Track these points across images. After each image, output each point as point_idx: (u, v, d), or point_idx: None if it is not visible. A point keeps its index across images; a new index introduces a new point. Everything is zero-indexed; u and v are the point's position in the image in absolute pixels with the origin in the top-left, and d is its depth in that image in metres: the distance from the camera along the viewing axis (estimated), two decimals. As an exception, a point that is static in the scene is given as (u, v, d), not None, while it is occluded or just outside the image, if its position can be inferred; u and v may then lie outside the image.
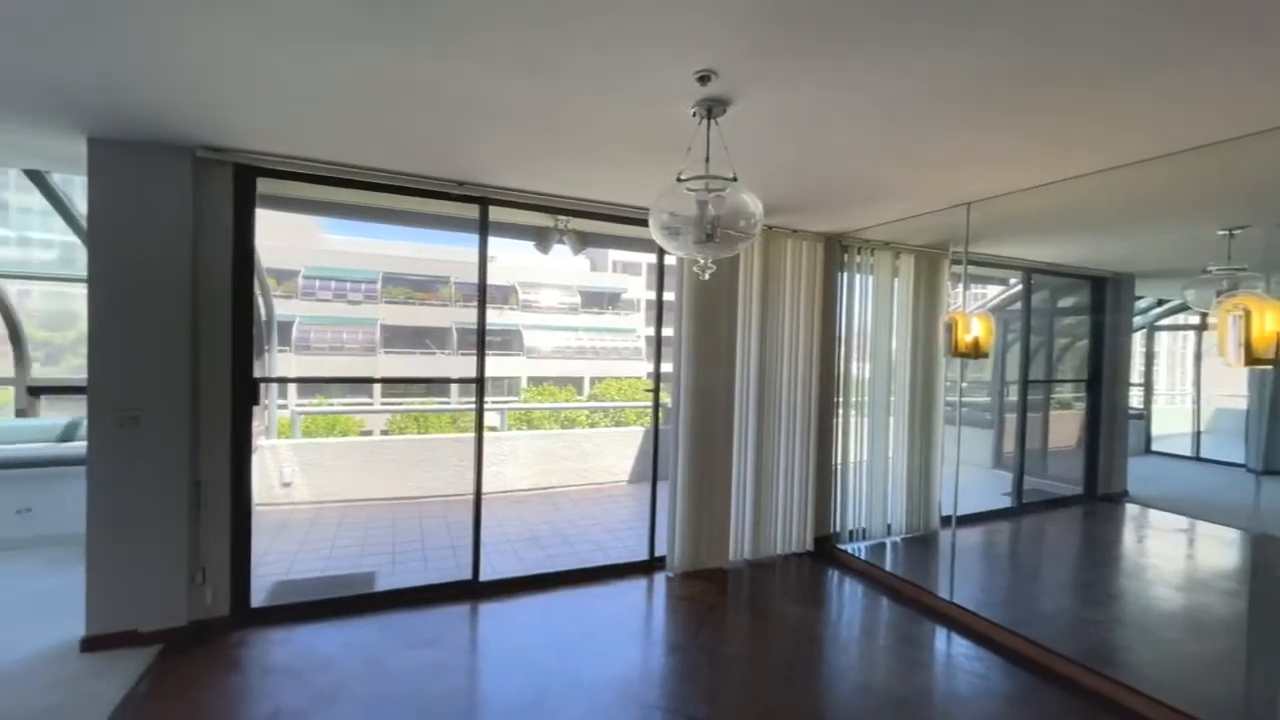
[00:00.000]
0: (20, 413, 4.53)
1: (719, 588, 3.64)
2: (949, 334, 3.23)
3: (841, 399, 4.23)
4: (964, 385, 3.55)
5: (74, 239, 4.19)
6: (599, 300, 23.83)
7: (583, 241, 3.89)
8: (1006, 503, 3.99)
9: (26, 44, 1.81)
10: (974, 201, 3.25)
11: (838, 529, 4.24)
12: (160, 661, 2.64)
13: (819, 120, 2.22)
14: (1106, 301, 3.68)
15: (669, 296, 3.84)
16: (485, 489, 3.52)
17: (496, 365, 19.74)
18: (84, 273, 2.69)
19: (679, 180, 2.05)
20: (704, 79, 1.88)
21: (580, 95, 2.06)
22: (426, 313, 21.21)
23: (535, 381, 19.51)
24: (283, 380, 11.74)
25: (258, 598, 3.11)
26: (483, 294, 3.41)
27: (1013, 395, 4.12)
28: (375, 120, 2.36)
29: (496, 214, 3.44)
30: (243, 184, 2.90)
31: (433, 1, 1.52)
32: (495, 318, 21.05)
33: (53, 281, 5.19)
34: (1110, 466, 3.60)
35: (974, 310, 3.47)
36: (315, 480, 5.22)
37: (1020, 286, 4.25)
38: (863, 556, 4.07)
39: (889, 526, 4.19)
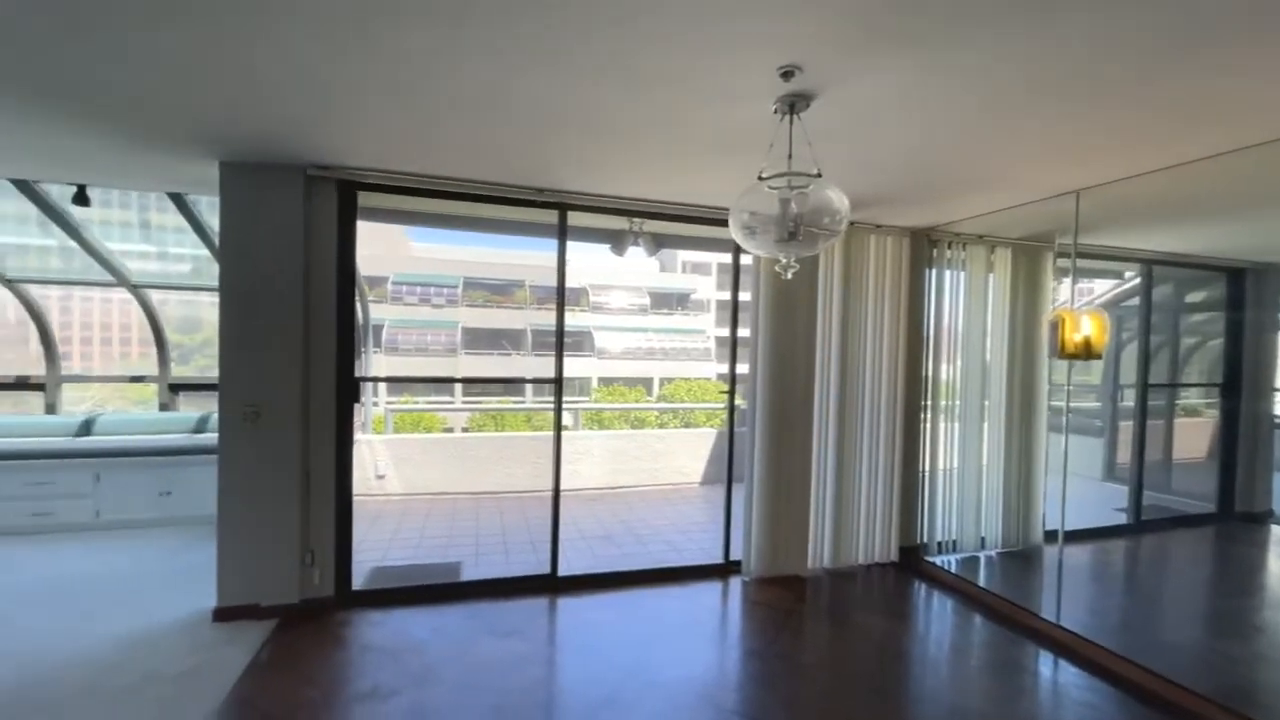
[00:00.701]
0: (163, 407, 5.14)
1: (797, 595, 3.55)
2: (1054, 333, 2.97)
3: (929, 403, 4.00)
4: (1070, 389, 3.26)
5: (205, 252, 4.70)
6: (668, 301, 23.89)
7: (657, 243, 3.91)
8: (1122, 519, 3.61)
9: (183, 86, 2.05)
10: (1084, 189, 2.98)
11: (925, 540, 4.02)
12: (277, 634, 2.90)
13: (909, 111, 2.12)
14: (1247, 296, 3.25)
15: (744, 296, 3.79)
16: (561, 486, 3.61)
17: (569, 366, 20.23)
18: (212, 282, 3.01)
19: (760, 179, 2.01)
20: (788, 75, 1.84)
21: (663, 100, 2.08)
22: (503, 315, 22.08)
23: (605, 382, 19.82)
24: (379, 380, 12.57)
25: (357, 581, 3.35)
26: (561, 296, 3.51)
27: (1128, 400, 3.74)
28: (467, 134, 2.48)
29: (574, 218, 3.53)
30: (345, 198, 3.14)
31: (534, 16, 1.58)
32: (567, 319, 21.52)
33: (186, 291, 5.84)
34: (1251, 482, 3.17)
35: (1082, 307, 3.18)
36: (405, 473, 5.57)
37: (1137, 280, 3.85)
38: (953, 570, 3.83)
39: (983, 540, 3.92)
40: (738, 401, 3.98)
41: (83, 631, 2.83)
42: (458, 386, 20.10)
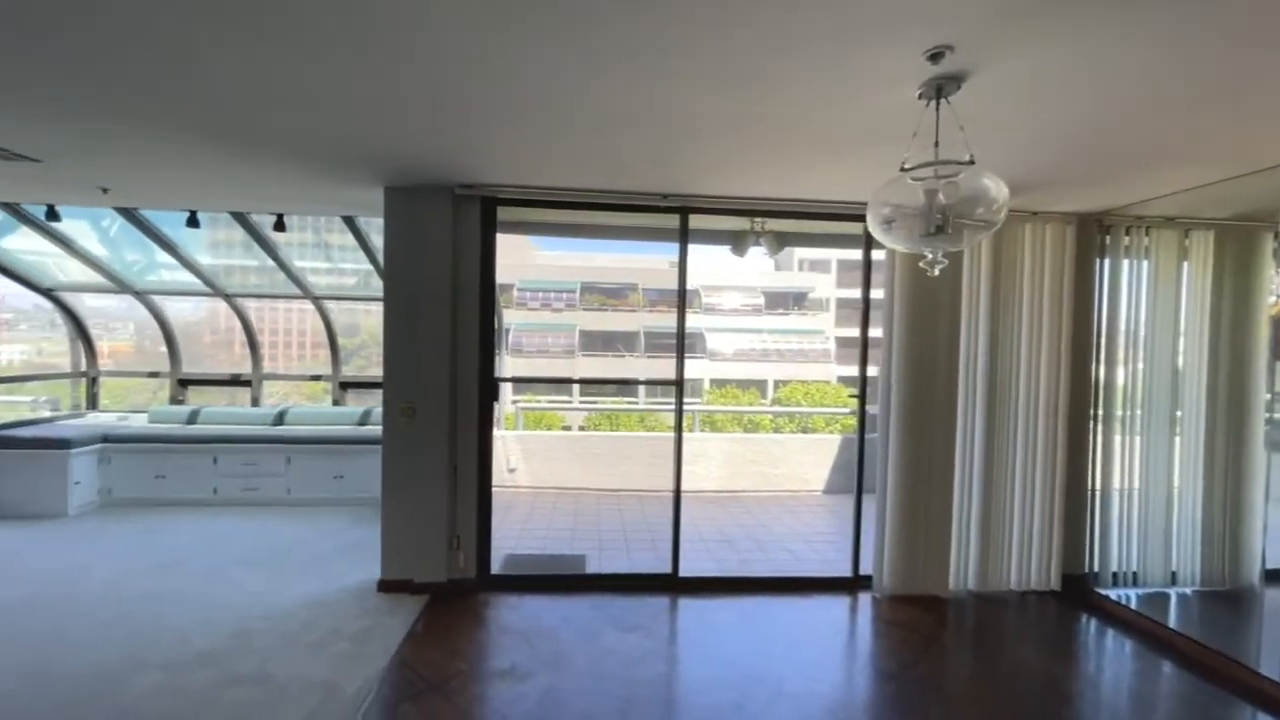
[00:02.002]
0: (335, 402, 5.93)
1: (937, 617, 3.27)
2: (1278, 331, 2.46)
3: (1100, 412, 3.50)
4: (1299, 399, 2.68)
5: (367, 266, 5.35)
6: (783, 301, 23.15)
7: (781, 242, 3.81)
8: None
9: (363, 128, 2.36)
10: (1320, 155, 2.44)
11: (1095, 568, 3.51)
12: (429, 608, 3.22)
13: (1080, 82, 1.87)
14: None
15: (876, 294, 3.57)
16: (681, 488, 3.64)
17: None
18: (372, 293, 3.41)
19: (903, 170, 1.89)
20: (936, 56, 1.71)
21: (794, 96, 2.02)
22: (617, 318, 22.73)
23: (718, 384, 19.67)
24: (515, 380, 13.47)
25: (494, 566, 3.62)
26: (682, 299, 3.55)
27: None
28: (597, 146, 2.59)
29: (695, 221, 3.54)
30: (487, 213, 3.42)
31: (666, 26, 1.62)
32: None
33: (350, 301, 6.68)
34: None
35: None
36: (533, 468, 5.93)
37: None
38: (1133, 606, 3.31)
39: (1173, 574, 3.34)
40: (868, 407, 3.75)
41: (281, 591, 3.35)
42: (575, 387, 21.09)
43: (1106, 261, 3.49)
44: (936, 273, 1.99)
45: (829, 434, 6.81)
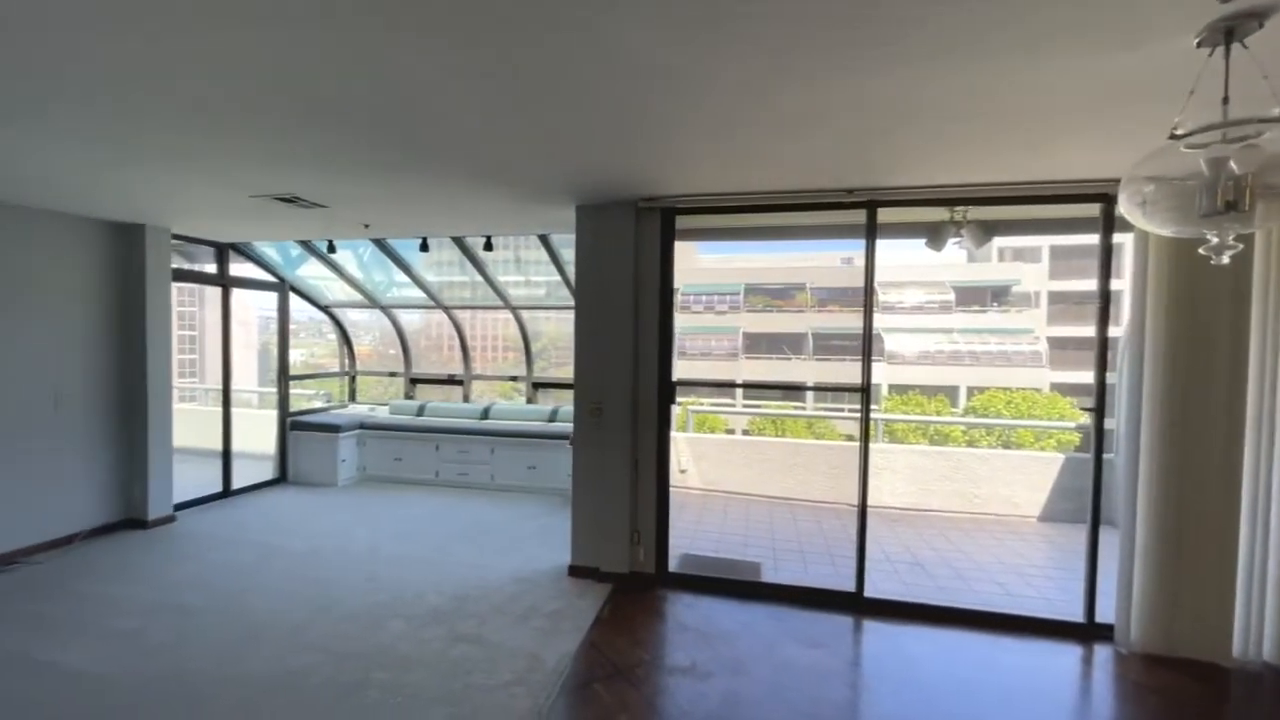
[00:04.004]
0: (529, 400, 6.63)
1: (1215, 691, 2.61)
2: None
3: None
4: None
5: (555, 278, 5.89)
6: (978, 296, 20.36)
7: (987, 232, 3.37)
8: None
9: (564, 159, 2.61)
10: None
11: None
12: (613, 597, 3.43)
13: None
14: None
15: (1115, 285, 2.98)
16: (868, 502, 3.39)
17: (853, 370, 19.03)
18: (557, 302, 3.71)
19: (1174, 136, 1.55)
20: (1231, -12, 1.37)
21: (1019, 66, 1.77)
22: (783, 319, 22.03)
23: (898, 390, 17.98)
24: (693, 383, 13.83)
25: (671, 564, 3.73)
26: (869, 298, 3.32)
27: None
28: (784, 148, 2.54)
29: (884, 215, 3.29)
30: (667, 223, 3.55)
31: (863, 20, 1.53)
32: (851, 321, 20.32)
33: (538, 309, 7.40)
34: None
35: None
36: (703, 469, 6.00)
37: None
38: None
39: None
40: (1077, 418, 3.14)
41: (489, 565, 3.83)
42: (738, 390, 20.88)
43: None
44: (1226, 260, 1.60)
45: (1045, 451, 5.83)
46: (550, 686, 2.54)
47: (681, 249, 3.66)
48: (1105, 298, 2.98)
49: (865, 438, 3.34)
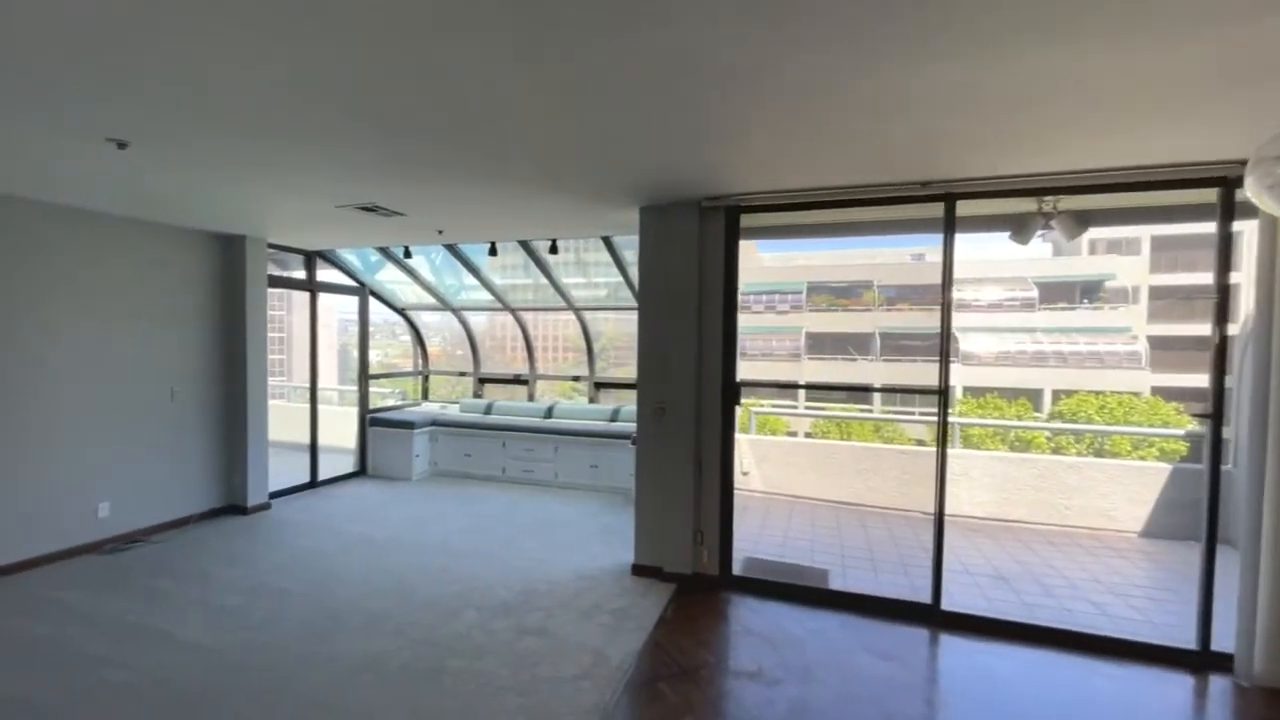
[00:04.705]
0: (591, 400, 6.72)
1: (1358, 734, 2.31)
2: None
3: None
4: None
5: (617, 279, 5.95)
6: (1065, 292, 18.87)
7: (1081, 223, 3.12)
8: None
9: (630, 163, 2.64)
10: None
11: None
12: (677, 597, 3.42)
13: None
14: None
15: (1234, 278, 2.69)
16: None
17: (925, 372, 18.14)
18: (618, 303, 3.72)
19: (1316, 108, 1.38)
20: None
21: (1132, 35, 1.63)
22: (848, 318, 21.29)
23: (974, 392, 16.95)
24: (759, 384, 13.66)
25: (734, 567, 3.68)
26: (947, 296, 3.15)
27: None
28: (855, 141, 2.46)
29: (963, 208, 3.12)
30: (731, 222, 3.51)
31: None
32: (922, 320, 19.42)
33: (599, 310, 7.49)
34: None
35: None
36: (766, 472, 5.89)
37: None
38: None
39: None
40: (1184, 423, 2.83)
41: (554, 561, 3.91)
42: (800, 392, 20.35)
43: None
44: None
45: (1147, 460, 5.34)
46: (615, 683, 2.56)
47: (742, 247, 3.60)
48: (1224, 292, 2.69)
49: (943, 442, 3.17)
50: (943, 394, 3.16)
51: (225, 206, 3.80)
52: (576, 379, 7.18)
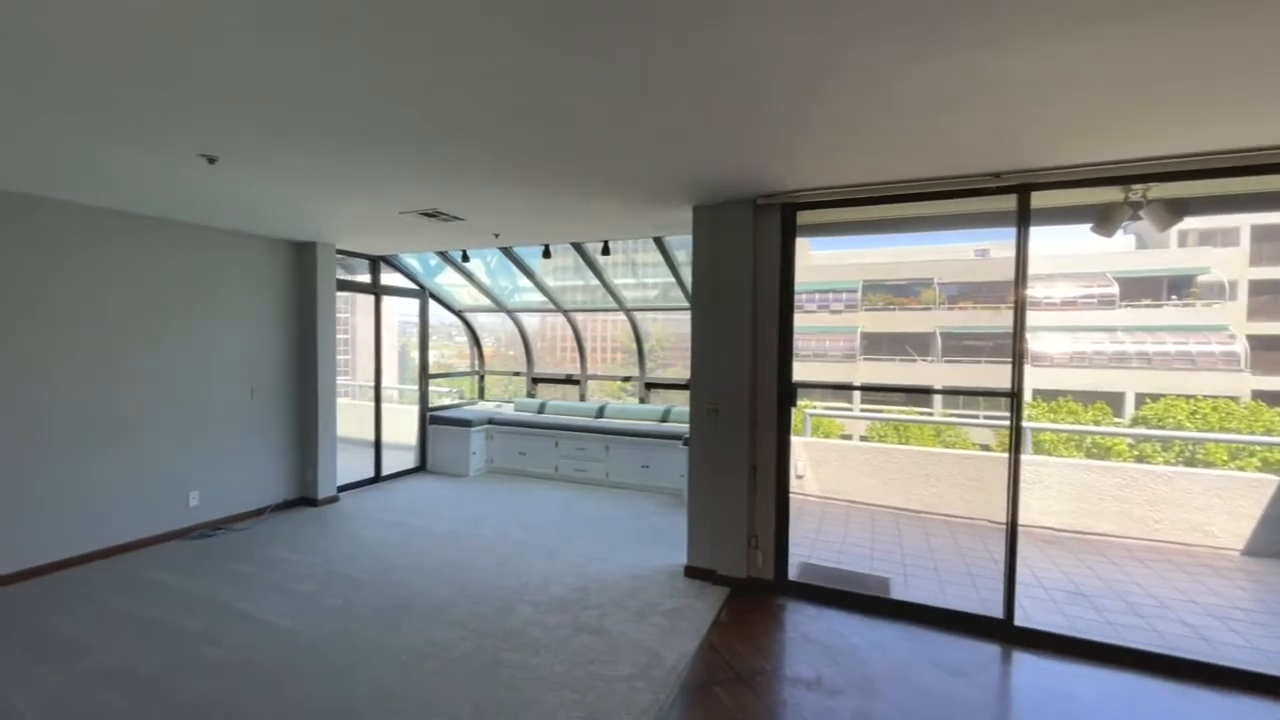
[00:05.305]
0: (641, 400, 6.74)
1: None
2: None
3: None
4: None
5: (668, 280, 5.93)
6: (1151, 288, 17.47)
7: (1174, 212, 2.88)
8: None
9: (688, 163, 2.62)
10: None
11: None
12: (730, 600, 3.38)
13: None
14: None
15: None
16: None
17: (990, 374, 17.22)
18: (669, 304, 3.69)
19: None
20: None
21: (1245, 5, 1.49)
22: (906, 318, 20.50)
23: (1045, 395, 15.94)
24: (815, 385, 13.40)
25: (790, 572, 3.59)
26: (1020, 293, 2.98)
27: None
28: (919, 133, 2.36)
29: (1038, 199, 2.94)
30: (787, 219, 3.44)
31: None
32: (987, 319, 18.46)
33: (648, 311, 7.50)
34: None
35: None
36: (821, 475, 5.73)
37: None
38: None
39: None
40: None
41: (607, 560, 3.94)
42: (855, 394, 19.72)
43: None
44: None
45: (1249, 471, 4.86)
46: (670, 684, 2.55)
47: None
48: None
49: (1016, 448, 3.00)
50: (1015, 397, 2.98)
51: (299, 215, 4.02)
52: (626, 379, 7.21)
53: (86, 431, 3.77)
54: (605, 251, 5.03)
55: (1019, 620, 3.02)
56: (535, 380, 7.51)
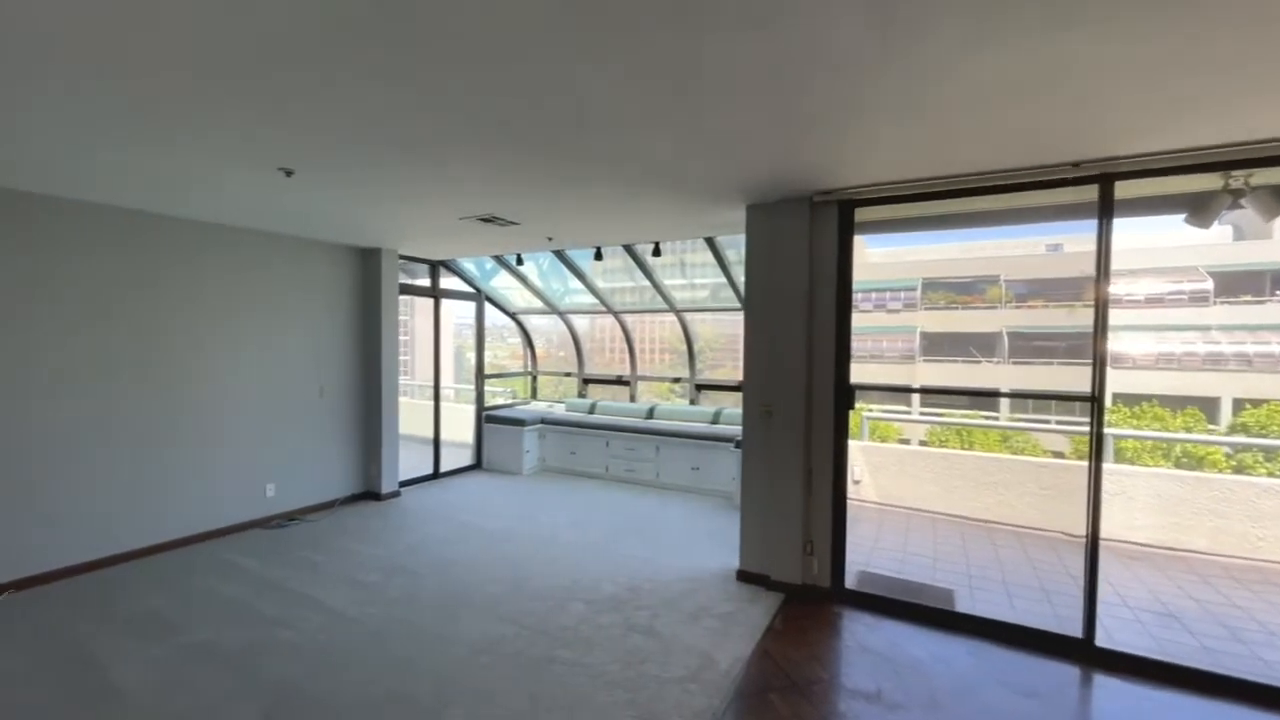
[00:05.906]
0: (691, 401, 6.71)
1: None
2: None
3: None
4: None
5: (719, 280, 5.88)
6: (1250, 283, 15.94)
7: (1283, 200, 2.61)
8: None
9: (743, 163, 2.59)
10: None
11: None
12: (785, 607, 3.31)
13: None
14: None
15: None
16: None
17: (1064, 376, 16.16)
18: (720, 304, 3.64)
19: None
20: None
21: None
22: (968, 317, 19.53)
23: (1127, 400, 14.80)
24: (876, 388, 13.06)
25: (847, 580, 3.48)
26: (1101, 290, 2.78)
27: None
28: (981, 122, 2.24)
29: (1122, 189, 2.74)
30: (844, 217, 3.34)
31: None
32: (1063, 319, 17.33)
33: (699, 312, 7.45)
34: None
35: None
36: (880, 481, 5.54)
37: None
38: None
39: None
40: None
41: (658, 561, 3.93)
42: (915, 397, 18.94)
43: None
44: None
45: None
46: (724, 689, 2.52)
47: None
48: None
49: (1097, 456, 2.80)
50: (1096, 401, 2.78)
51: (365, 222, 4.22)
52: (676, 380, 7.19)
53: (185, 431, 4.10)
54: (656, 253, 5.03)
55: (1100, 641, 2.82)
56: (586, 381, 7.59)
